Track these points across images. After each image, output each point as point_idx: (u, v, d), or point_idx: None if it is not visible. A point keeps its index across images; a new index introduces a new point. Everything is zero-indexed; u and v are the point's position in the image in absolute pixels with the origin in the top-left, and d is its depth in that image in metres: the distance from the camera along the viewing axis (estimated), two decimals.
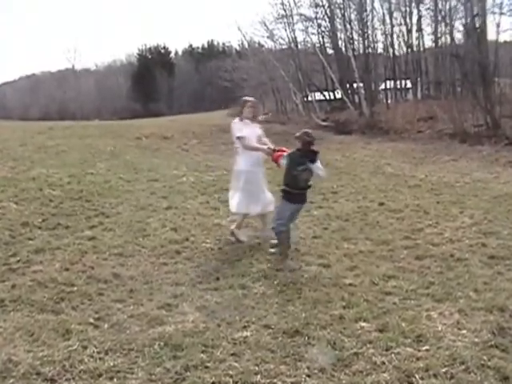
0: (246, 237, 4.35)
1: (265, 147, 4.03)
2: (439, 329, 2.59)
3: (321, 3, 19.58)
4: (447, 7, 15.06)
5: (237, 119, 4.23)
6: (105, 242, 4.20)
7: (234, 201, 4.30)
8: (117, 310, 2.88)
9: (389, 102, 18.76)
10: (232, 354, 2.38)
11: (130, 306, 2.94)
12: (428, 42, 17.77)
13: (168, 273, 3.52)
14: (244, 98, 4.39)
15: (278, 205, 3.90)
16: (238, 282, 3.31)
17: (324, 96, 22.47)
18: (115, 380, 2.17)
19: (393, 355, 2.33)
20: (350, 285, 3.23)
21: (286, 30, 21.36)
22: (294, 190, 3.75)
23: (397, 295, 3.04)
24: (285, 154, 3.83)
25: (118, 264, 3.68)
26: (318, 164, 3.74)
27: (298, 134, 3.75)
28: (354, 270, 3.54)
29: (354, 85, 18.66)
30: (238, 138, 4.13)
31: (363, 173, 8.30)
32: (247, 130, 4.13)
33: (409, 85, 18.78)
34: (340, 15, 19.11)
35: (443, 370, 2.18)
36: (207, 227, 4.80)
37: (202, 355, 2.36)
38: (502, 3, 12.62)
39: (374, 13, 18.38)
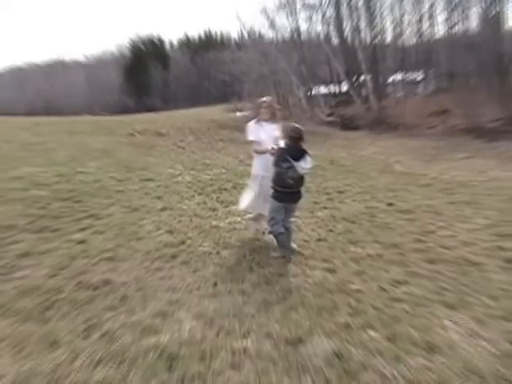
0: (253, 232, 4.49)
1: (269, 147, 4.01)
2: (453, 338, 2.58)
3: None
4: None
5: (253, 120, 4.23)
6: (95, 246, 4.20)
7: (245, 200, 4.38)
8: (108, 318, 2.88)
9: (398, 95, 18.75)
10: (231, 365, 2.37)
11: (122, 314, 2.93)
12: (440, 31, 17.66)
13: (163, 278, 3.52)
14: (260, 99, 4.39)
15: (269, 205, 3.93)
16: (237, 287, 3.31)
17: (329, 90, 22.47)
18: None
19: (403, 366, 2.32)
20: (357, 291, 3.23)
21: (288, 18, 21.42)
22: (281, 188, 3.80)
23: (407, 302, 3.03)
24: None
25: (110, 269, 3.68)
26: (303, 163, 3.69)
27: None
28: (361, 274, 3.53)
29: (361, 77, 18.66)
30: (251, 141, 4.16)
31: (371, 171, 8.29)
32: (262, 133, 4.13)
33: (420, 77, 18.75)
34: (346, 3, 19.10)
35: (458, 383, 2.17)
36: (205, 229, 4.79)
37: (199, 366, 2.36)
38: None
39: (383, 0, 18.38)
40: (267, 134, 4.13)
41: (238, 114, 24.45)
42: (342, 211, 5.50)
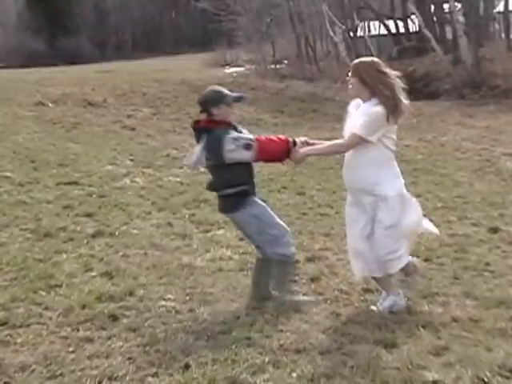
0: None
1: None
2: None
3: None
4: None
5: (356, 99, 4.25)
6: None
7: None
8: None
9: (511, 37, 18.80)
10: None
11: None
12: None
13: (95, 356, 3.51)
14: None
15: None
16: (224, 372, 3.29)
17: (387, 29, 22.60)
18: None
19: None
20: (435, 383, 3.23)
21: None
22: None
23: None
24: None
25: None
26: (199, 147, 3.95)
27: None
28: (442, 353, 3.52)
29: (444, 7, 18.76)
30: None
31: (459, 171, 8.33)
32: (348, 121, 4.20)
33: None
34: None
35: None
36: (169, 271, 4.82)
37: None
38: None
39: None
40: (350, 124, 4.14)
41: (228, 70, 24.60)
42: None
